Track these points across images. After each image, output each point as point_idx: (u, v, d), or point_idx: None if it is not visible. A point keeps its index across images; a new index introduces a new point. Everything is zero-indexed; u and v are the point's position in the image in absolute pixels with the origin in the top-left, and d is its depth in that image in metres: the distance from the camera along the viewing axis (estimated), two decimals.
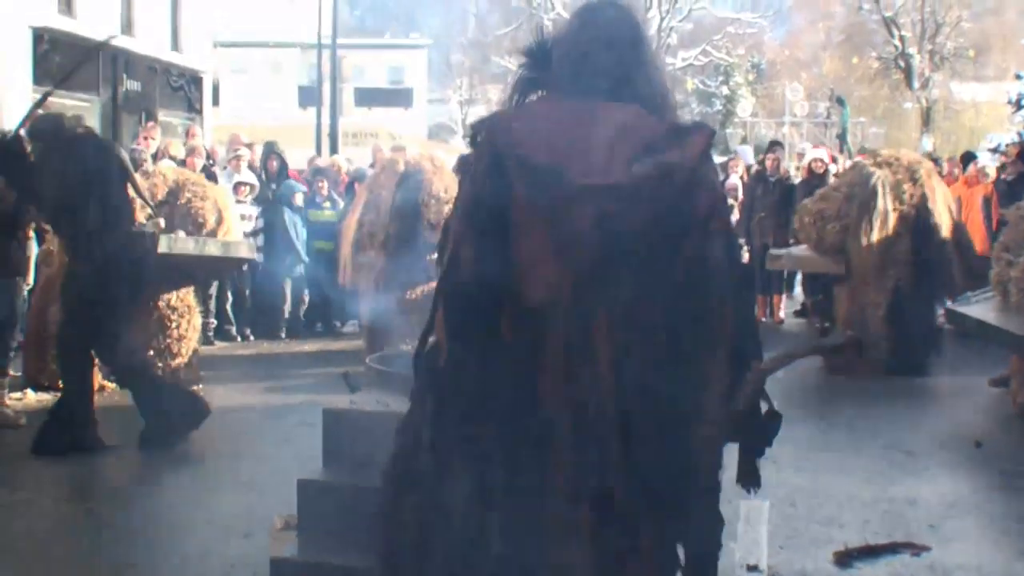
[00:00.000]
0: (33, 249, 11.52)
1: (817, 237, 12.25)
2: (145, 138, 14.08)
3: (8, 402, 9.58)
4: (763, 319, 15.83)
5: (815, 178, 15.27)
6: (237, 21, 53.68)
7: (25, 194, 8.74)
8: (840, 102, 35.19)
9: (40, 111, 9.32)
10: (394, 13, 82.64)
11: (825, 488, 7.46)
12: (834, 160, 17.92)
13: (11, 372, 9.85)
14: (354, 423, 5.20)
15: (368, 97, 52.49)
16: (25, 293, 11.05)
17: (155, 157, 13.45)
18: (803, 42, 62.65)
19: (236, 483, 7.49)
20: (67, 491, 7.51)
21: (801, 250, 12.76)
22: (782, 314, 16.07)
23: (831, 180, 14.71)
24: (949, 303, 11.20)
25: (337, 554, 5.01)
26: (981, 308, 10.47)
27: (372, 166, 16.37)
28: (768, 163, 15.96)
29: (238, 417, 9.85)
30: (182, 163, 13.79)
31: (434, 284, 3.51)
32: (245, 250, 11.52)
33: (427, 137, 48.55)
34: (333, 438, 5.30)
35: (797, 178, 16.05)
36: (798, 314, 16.49)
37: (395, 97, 57.04)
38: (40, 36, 24.67)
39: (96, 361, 9.12)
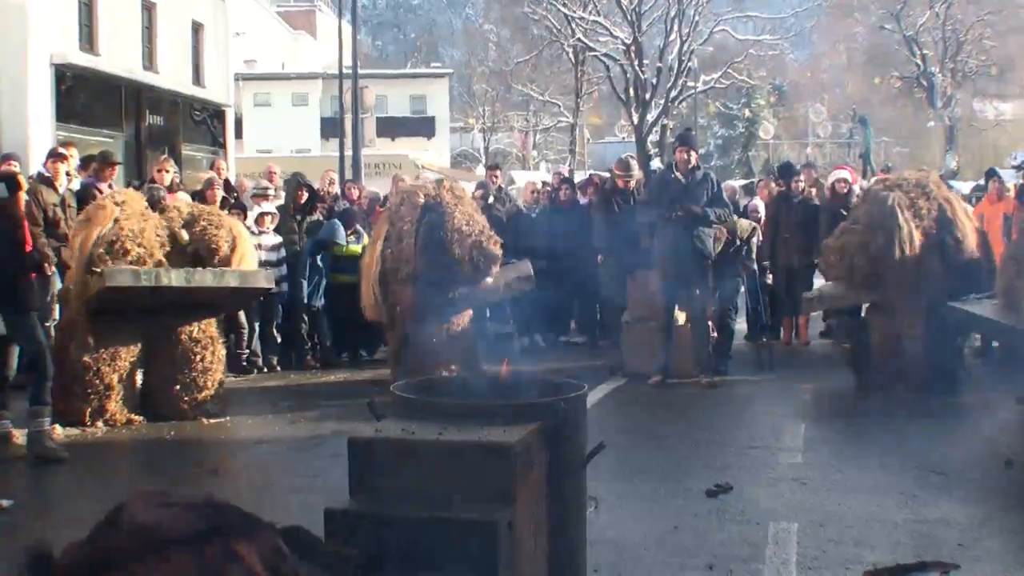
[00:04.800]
0: (56, 286, 11.66)
1: (847, 272, 12.16)
2: (159, 171, 14.18)
3: (57, 435, 9.68)
4: (792, 341, 15.81)
5: (838, 198, 15.24)
6: (260, 54, 54.08)
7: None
8: (863, 122, 35.18)
9: None
10: (415, 43, 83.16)
11: (854, 509, 7.42)
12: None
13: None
14: (380, 452, 5.21)
15: (391, 127, 52.66)
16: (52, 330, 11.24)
17: (170, 190, 13.56)
18: (825, 63, 62.68)
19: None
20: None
21: (832, 287, 12.67)
22: (808, 335, 16.03)
23: (854, 200, 14.70)
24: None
25: None
26: (982, 307, 10.55)
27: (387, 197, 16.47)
28: (793, 185, 15.94)
29: (266, 449, 9.87)
30: (199, 195, 13.90)
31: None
32: (263, 279, 11.58)
33: (450, 165, 48.65)
34: (359, 467, 5.31)
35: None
36: (823, 335, 16.45)
37: (418, 126, 57.24)
38: (62, 73, 24.88)
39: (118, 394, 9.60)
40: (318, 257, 14.19)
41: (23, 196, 9.76)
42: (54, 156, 13.37)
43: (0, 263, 9.06)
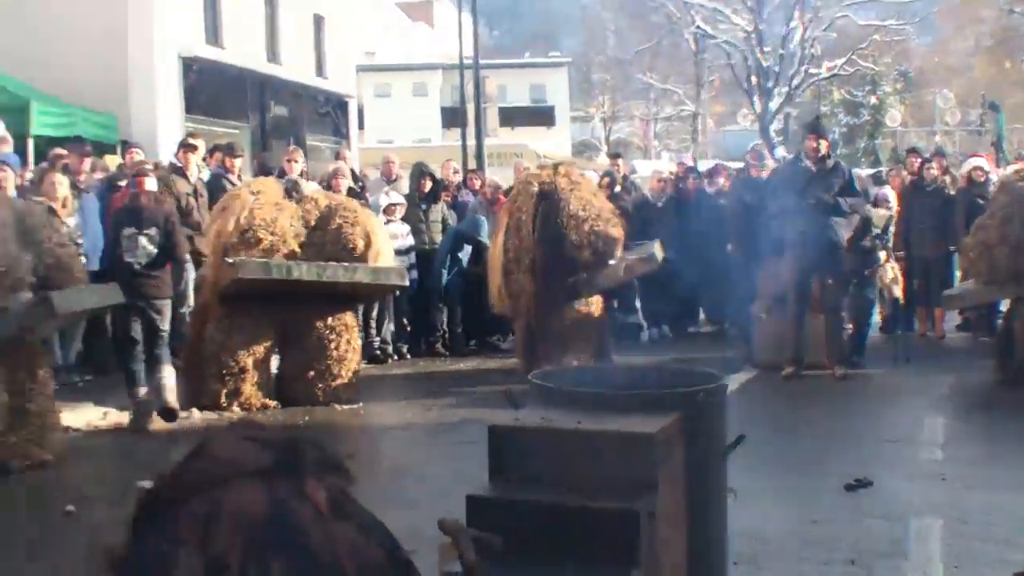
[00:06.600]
0: (191, 274, 11.94)
1: (988, 268, 11.85)
2: (289, 161, 14.33)
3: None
4: (927, 333, 15.42)
5: (975, 187, 14.86)
6: (379, 46, 54.54)
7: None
8: (994, 108, 34.21)
9: None
10: (533, 32, 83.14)
11: (1000, 506, 7.21)
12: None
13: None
14: (520, 439, 5.18)
15: (511, 116, 52.72)
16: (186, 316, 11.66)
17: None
18: (952, 48, 61.31)
19: (400, 500, 7.47)
20: None
21: (974, 284, 12.35)
22: (944, 327, 15.63)
23: (991, 189, 14.34)
24: None
25: (506, 570, 4.97)
26: None
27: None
28: (926, 173, 15.57)
29: (398, 435, 9.97)
30: (327, 186, 14.01)
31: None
32: (396, 277, 11.70)
33: (571, 155, 48.50)
34: (499, 454, 5.29)
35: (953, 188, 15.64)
36: (960, 328, 16.01)
37: (538, 116, 57.23)
38: (189, 66, 25.27)
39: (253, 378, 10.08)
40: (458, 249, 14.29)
41: None
42: (185, 147, 13.64)
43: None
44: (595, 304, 12.30)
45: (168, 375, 10.30)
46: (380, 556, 2.68)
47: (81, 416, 10.30)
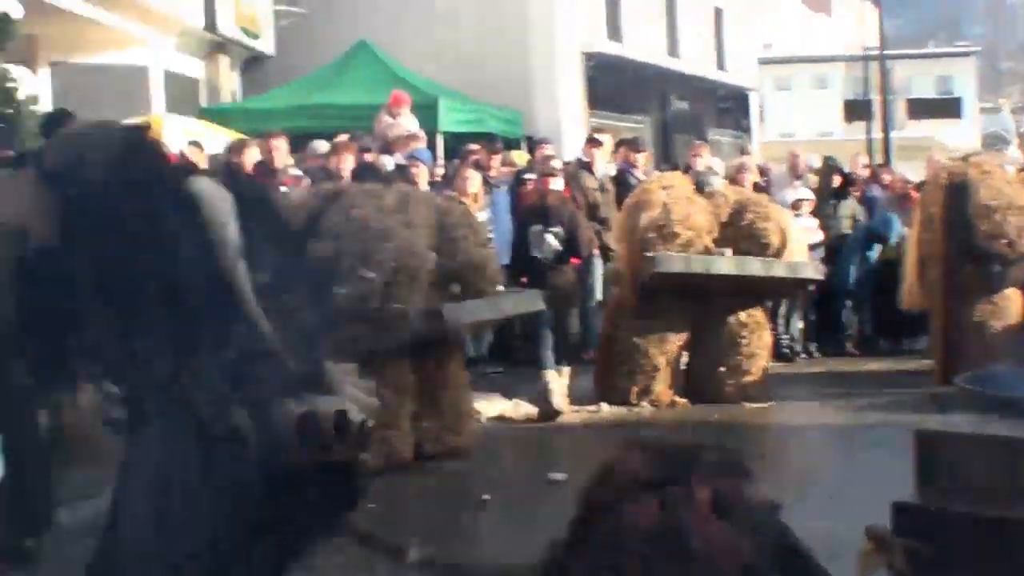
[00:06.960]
0: (599, 268, 12.20)
1: None
2: (694, 156, 14.43)
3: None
4: None
5: None
6: (776, 37, 53.88)
7: None
8: None
9: None
10: (936, 21, 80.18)
11: None
12: None
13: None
14: (950, 446, 4.99)
15: (916, 108, 50.99)
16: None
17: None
18: None
19: (815, 504, 7.31)
20: None
21: None
22: None
23: None
24: None
25: None
26: None
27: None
28: None
29: (810, 436, 9.88)
30: (732, 181, 13.98)
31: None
32: (811, 271, 11.61)
33: (981, 147, 46.41)
34: (927, 461, 5.12)
35: None
36: None
37: (944, 107, 55.06)
38: (590, 61, 25.73)
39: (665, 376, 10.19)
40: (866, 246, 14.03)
41: None
42: (591, 142, 13.99)
43: None
44: (1018, 300, 11.69)
45: (565, 372, 10.64)
46: (764, 555, 2.71)
47: (493, 406, 10.68)
